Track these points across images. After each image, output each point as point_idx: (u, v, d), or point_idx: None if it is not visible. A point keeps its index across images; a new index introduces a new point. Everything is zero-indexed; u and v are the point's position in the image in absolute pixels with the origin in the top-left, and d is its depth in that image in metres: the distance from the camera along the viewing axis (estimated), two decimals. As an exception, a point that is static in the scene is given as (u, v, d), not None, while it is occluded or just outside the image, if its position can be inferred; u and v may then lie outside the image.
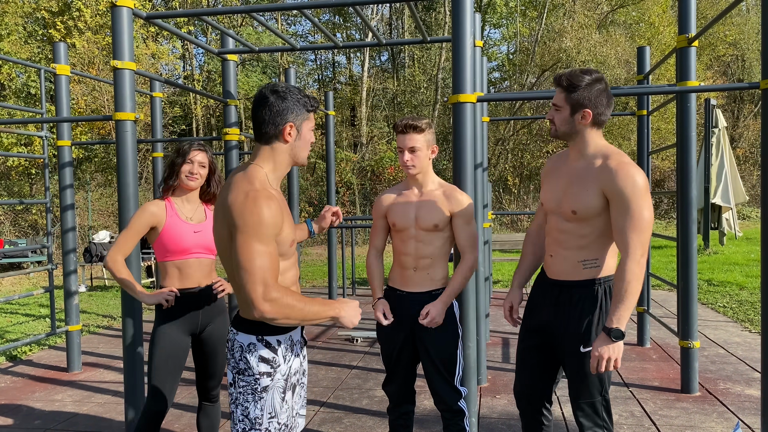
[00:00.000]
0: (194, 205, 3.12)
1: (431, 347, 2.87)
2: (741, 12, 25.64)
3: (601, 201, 2.39)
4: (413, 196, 2.93)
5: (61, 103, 5.33)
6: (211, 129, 23.50)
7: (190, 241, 2.99)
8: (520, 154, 21.73)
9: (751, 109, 24.70)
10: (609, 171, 2.36)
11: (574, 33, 20.34)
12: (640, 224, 2.28)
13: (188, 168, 3.03)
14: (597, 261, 2.49)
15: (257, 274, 1.91)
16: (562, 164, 2.61)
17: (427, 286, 2.90)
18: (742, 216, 19.96)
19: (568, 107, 2.46)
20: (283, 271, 2.11)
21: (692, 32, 4.41)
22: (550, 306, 2.59)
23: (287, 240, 2.07)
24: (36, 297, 10.11)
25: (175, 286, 2.99)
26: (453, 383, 2.91)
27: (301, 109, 2.10)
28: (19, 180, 17.82)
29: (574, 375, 2.54)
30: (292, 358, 2.16)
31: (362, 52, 23.78)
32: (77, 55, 16.70)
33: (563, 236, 2.53)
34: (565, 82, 2.45)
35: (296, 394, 2.22)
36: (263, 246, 1.94)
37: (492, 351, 5.88)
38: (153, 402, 2.94)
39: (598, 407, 2.53)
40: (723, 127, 11.55)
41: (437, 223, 2.85)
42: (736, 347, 5.84)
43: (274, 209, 1.96)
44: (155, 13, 4.01)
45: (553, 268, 2.59)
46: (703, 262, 11.30)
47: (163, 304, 2.95)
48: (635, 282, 2.28)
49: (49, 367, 5.78)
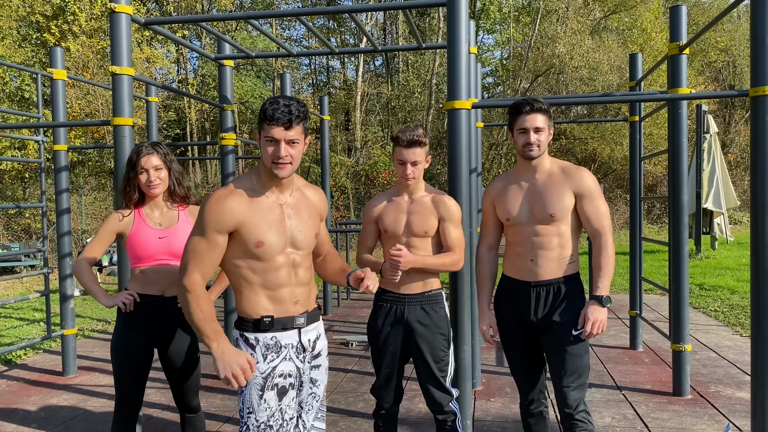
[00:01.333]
0: (162, 209, 3.00)
1: (424, 348, 2.94)
2: (732, 19, 25.87)
3: (572, 201, 2.78)
4: (404, 202, 3.00)
5: (57, 107, 5.35)
6: (205, 133, 23.49)
7: (153, 247, 2.90)
8: (513, 159, 21.82)
9: (742, 115, 24.91)
10: (574, 175, 2.79)
11: (567, 39, 20.47)
12: (606, 210, 2.79)
13: (144, 178, 2.91)
14: (573, 257, 2.84)
15: (184, 258, 2.18)
16: (515, 181, 2.90)
17: (420, 288, 2.98)
18: (734, 221, 20.10)
19: (547, 128, 2.80)
20: (263, 272, 2.20)
21: (683, 40, 4.48)
22: (536, 306, 2.83)
23: (250, 239, 2.15)
24: (30, 301, 10.09)
25: (136, 291, 2.92)
26: (445, 384, 2.97)
27: (260, 118, 2.17)
28: (12, 184, 17.77)
29: (568, 359, 2.76)
30: (278, 360, 2.23)
31: (356, 57, 23.84)
32: (71, 59, 16.67)
33: (544, 239, 2.80)
34: (545, 107, 2.77)
35: (288, 398, 2.24)
36: (199, 237, 2.15)
37: (486, 354, 5.92)
38: (120, 407, 2.94)
39: (583, 390, 2.80)
40: (714, 132, 11.68)
41: (428, 229, 2.94)
42: (727, 351, 5.90)
43: (225, 205, 2.13)
44: (153, 19, 4.04)
45: (537, 270, 2.82)
46: (694, 267, 11.39)
47: (121, 308, 2.90)
48: (613, 256, 2.74)
49: (45, 371, 5.78)
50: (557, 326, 2.79)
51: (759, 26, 3.36)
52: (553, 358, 2.81)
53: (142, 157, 2.90)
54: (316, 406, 2.42)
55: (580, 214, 2.81)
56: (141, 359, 2.93)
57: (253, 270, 2.20)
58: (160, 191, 2.96)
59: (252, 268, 2.20)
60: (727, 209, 12.05)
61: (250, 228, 2.15)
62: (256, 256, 2.18)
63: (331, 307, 8.34)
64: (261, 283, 2.21)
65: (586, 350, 2.80)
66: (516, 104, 2.80)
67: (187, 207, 3.08)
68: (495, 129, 21.16)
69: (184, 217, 3.02)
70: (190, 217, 3.04)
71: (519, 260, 2.88)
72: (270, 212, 2.20)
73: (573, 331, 2.76)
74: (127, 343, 2.91)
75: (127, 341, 2.91)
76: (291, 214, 2.26)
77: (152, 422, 4.32)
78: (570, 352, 2.76)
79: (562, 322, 2.78)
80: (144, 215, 2.96)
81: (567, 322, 2.78)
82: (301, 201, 2.32)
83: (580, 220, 2.82)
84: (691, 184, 11.35)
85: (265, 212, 2.19)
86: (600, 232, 2.77)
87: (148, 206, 2.98)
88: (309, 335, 2.34)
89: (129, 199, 2.95)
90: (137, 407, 2.97)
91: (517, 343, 2.96)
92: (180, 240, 2.93)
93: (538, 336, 2.89)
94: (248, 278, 2.21)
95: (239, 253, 2.19)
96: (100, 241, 2.95)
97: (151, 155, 2.92)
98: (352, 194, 20.42)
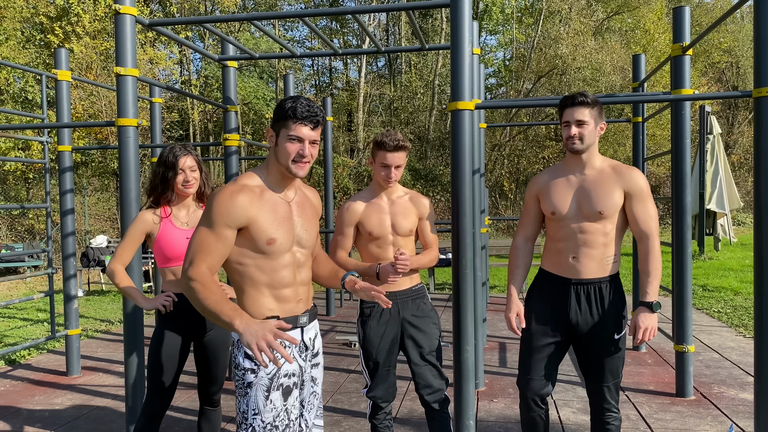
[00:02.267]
0: (190, 208, 3.11)
1: (421, 339, 3.03)
2: (735, 19, 25.85)
3: (621, 199, 2.74)
4: (384, 204, 3.06)
5: (62, 108, 5.38)
6: (208, 134, 23.52)
7: (181, 247, 2.99)
8: (516, 159, 21.82)
9: (745, 116, 24.87)
10: (626, 173, 2.75)
11: (570, 39, 20.46)
12: (655, 213, 2.76)
13: (182, 178, 3.01)
14: (616, 257, 2.81)
15: (189, 251, 2.12)
16: (563, 175, 2.86)
17: (407, 284, 3.08)
18: (737, 222, 20.06)
19: (593, 121, 2.74)
20: (270, 271, 2.18)
21: (686, 41, 4.48)
22: (575, 305, 2.80)
23: (261, 236, 2.13)
24: (34, 301, 10.12)
25: (172, 291, 3.01)
26: (440, 370, 3.08)
27: (280, 118, 2.16)
28: (15, 185, 17.81)
29: (606, 361, 2.80)
30: (282, 360, 2.19)
31: (359, 58, 23.86)
32: (75, 60, 16.72)
33: (589, 237, 2.76)
34: (589, 100, 2.72)
35: (293, 398, 2.23)
36: (207, 229, 2.11)
37: (489, 355, 5.92)
38: (150, 403, 3.01)
39: (618, 384, 2.87)
40: (718, 133, 11.65)
41: (412, 227, 3.05)
42: (730, 352, 5.90)
43: (237, 200, 2.09)
44: (157, 20, 4.06)
45: (579, 268, 2.79)
46: (698, 268, 11.38)
47: (161, 309, 2.98)
48: (660, 259, 2.74)
49: (48, 371, 5.80)
50: (598, 328, 2.78)
51: (762, 27, 3.36)
52: (592, 359, 2.82)
53: (180, 158, 3.00)
54: (317, 405, 2.43)
55: (627, 214, 2.77)
56: (178, 357, 3.03)
57: (260, 268, 2.17)
58: (194, 190, 3.07)
59: (260, 266, 2.17)
60: (731, 210, 12.02)
61: (261, 225, 2.13)
62: (265, 254, 2.16)
63: (333, 307, 8.35)
64: (267, 282, 2.19)
65: (624, 350, 2.84)
66: (563, 98, 2.80)
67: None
68: (498, 130, 21.16)
69: None
70: None
71: (560, 256, 2.83)
72: (280, 209, 2.19)
73: (615, 335, 2.77)
74: (167, 342, 3.00)
75: (167, 340, 3.00)
76: (297, 212, 2.26)
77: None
78: (611, 353, 2.79)
79: (603, 324, 2.78)
80: (171, 215, 3.04)
81: (608, 324, 2.78)
82: (305, 200, 2.34)
83: (627, 220, 2.79)
84: (694, 185, 11.33)
85: (275, 209, 2.18)
86: (647, 234, 2.74)
87: (176, 207, 3.07)
88: (310, 333, 2.35)
89: (165, 200, 3.03)
90: (167, 404, 3.04)
91: (545, 339, 2.85)
92: None
93: (573, 335, 2.86)
94: (254, 277, 2.18)
95: (248, 251, 2.15)
96: (131, 242, 3.01)
97: (188, 156, 3.02)
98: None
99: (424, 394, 3.04)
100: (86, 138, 17.43)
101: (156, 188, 3.04)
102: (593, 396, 2.88)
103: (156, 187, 3.04)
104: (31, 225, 16.92)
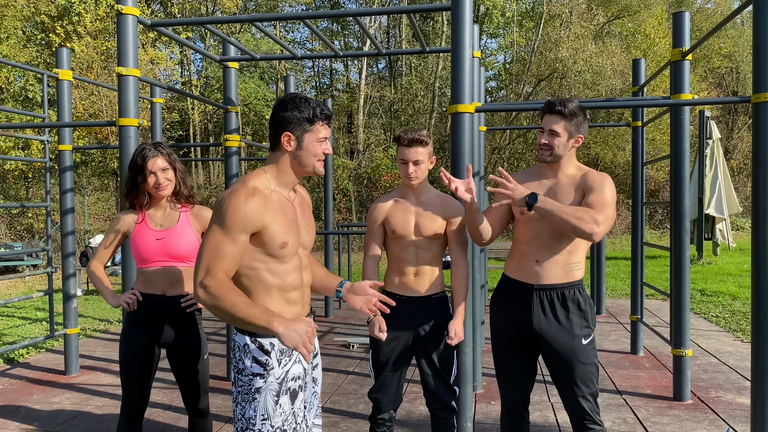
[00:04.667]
0: (165, 210, 2.99)
1: (431, 349, 2.95)
2: (735, 25, 25.89)
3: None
4: (411, 204, 2.98)
5: (63, 107, 5.39)
6: (208, 135, 23.54)
7: (151, 249, 2.90)
8: (515, 163, 21.86)
9: (745, 121, 24.92)
10: (591, 177, 2.68)
11: (570, 43, 20.51)
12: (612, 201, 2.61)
13: (153, 181, 2.89)
14: (579, 264, 2.75)
15: (204, 259, 2.03)
16: (536, 178, 2.81)
17: (427, 290, 2.97)
18: (736, 227, 20.09)
19: (566, 134, 2.68)
20: (281, 274, 2.15)
21: (686, 46, 4.50)
22: (538, 311, 2.72)
23: (275, 240, 2.09)
24: (33, 300, 10.12)
25: (140, 291, 2.95)
26: (450, 383, 3.00)
27: (302, 120, 2.13)
28: (15, 184, 17.82)
29: (575, 369, 2.68)
30: (290, 363, 2.17)
31: (360, 60, 23.90)
32: (76, 60, 16.75)
33: (554, 242, 2.71)
34: (566, 111, 2.64)
35: (299, 401, 2.21)
36: (222, 235, 2.02)
37: (487, 358, 5.93)
38: (126, 403, 2.98)
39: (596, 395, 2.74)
40: (717, 138, 11.68)
41: (437, 230, 2.92)
42: (727, 356, 5.91)
43: (251, 204, 2.03)
44: (159, 21, 4.07)
45: (541, 273, 2.73)
46: (696, 272, 11.39)
47: (125, 307, 2.93)
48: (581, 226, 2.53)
49: (47, 370, 5.80)
50: (563, 334, 2.69)
51: (762, 33, 3.37)
52: (561, 367, 2.71)
53: (149, 160, 2.87)
54: (316, 404, 2.42)
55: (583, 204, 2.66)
56: (144, 357, 2.95)
57: (272, 272, 2.13)
58: (169, 192, 2.94)
59: (272, 270, 2.13)
60: (729, 215, 12.04)
61: (275, 229, 2.09)
62: (278, 258, 2.13)
63: (332, 309, 8.36)
64: (279, 286, 2.15)
65: (594, 356, 2.73)
66: (546, 102, 2.74)
67: (191, 208, 3.05)
68: (498, 133, 21.20)
69: (185, 218, 2.99)
70: (192, 218, 3.01)
71: (523, 260, 2.77)
72: (288, 212, 2.17)
73: (583, 339, 2.68)
74: (132, 341, 2.95)
75: (132, 340, 2.95)
76: (300, 213, 2.25)
77: (153, 422, 4.33)
78: (579, 361, 2.68)
79: (567, 332, 2.68)
80: (147, 217, 2.97)
81: (575, 333, 2.69)
82: (302, 201, 2.33)
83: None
84: (694, 189, 11.36)
85: (285, 212, 2.14)
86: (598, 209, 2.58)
87: (153, 209, 2.99)
88: None
89: (138, 204, 2.96)
90: (142, 406, 3.00)
91: (512, 349, 2.83)
92: (177, 241, 2.92)
93: (538, 343, 2.77)
94: (266, 281, 2.14)
95: (260, 255, 2.11)
96: (107, 244, 3.01)
97: (157, 157, 2.89)
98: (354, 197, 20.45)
99: (430, 402, 3.02)
100: (86, 138, 17.45)
101: (129, 192, 2.95)
102: (570, 409, 2.75)
103: (130, 191, 2.94)
104: (30, 224, 16.92)
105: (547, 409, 4.46)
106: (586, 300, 2.76)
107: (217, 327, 7.69)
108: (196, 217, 3.03)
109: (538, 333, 2.73)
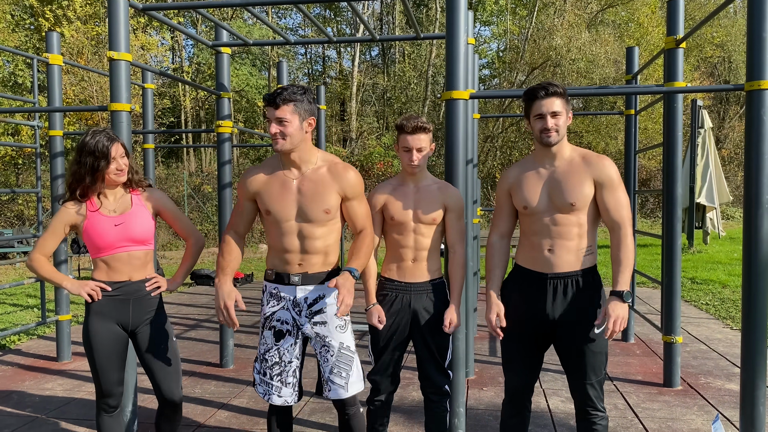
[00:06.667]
0: (116, 195, 2.92)
1: (428, 335, 2.98)
2: (728, 14, 25.93)
3: (592, 190, 2.68)
4: (410, 191, 2.99)
5: (53, 92, 5.33)
6: (200, 121, 23.41)
7: (111, 236, 2.83)
8: (508, 151, 21.87)
9: (736, 111, 25.01)
10: (595, 163, 2.69)
11: (564, 31, 20.48)
12: (626, 201, 2.70)
13: (114, 166, 2.83)
14: (591, 248, 2.74)
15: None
16: (533, 168, 2.77)
17: (426, 277, 2.99)
18: (726, 216, 20.23)
19: (565, 112, 2.67)
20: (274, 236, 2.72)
21: (680, 34, 4.50)
22: (550, 299, 2.71)
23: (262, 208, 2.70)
24: (24, 287, 10.08)
25: (102, 281, 2.87)
26: (444, 368, 3.03)
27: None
28: (5, 170, 17.68)
29: (587, 356, 2.70)
30: (277, 307, 2.75)
31: (353, 47, 23.77)
32: (66, 45, 16.57)
33: (563, 229, 2.69)
34: (561, 88, 2.66)
35: (287, 342, 2.75)
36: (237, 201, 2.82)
37: (479, 345, 5.96)
38: (105, 398, 2.92)
39: (603, 382, 2.77)
40: (709, 127, 11.72)
41: (435, 216, 2.95)
42: (717, 343, 5.97)
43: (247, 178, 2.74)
44: (150, 4, 4.03)
45: (554, 261, 2.70)
46: (687, 261, 11.47)
47: (87, 299, 2.85)
48: (633, 248, 2.68)
49: (39, 356, 5.78)
50: (577, 323, 2.69)
51: (756, 21, 3.37)
52: (573, 355, 2.72)
53: (113, 145, 2.82)
54: (332, 361, 2.74)
55: (599, 204, 2.69)
56: (113, 343, 2.87)
57: (268, 232, 2.75)
58: (125, 178, 2.90)
59: (268, 230, 2.75)
60: (720, 204, 12.12)
61: (263, 198, 2.69)
62: (268, 222, 2.72)
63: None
64: (272, 244, 2.73)
65: (606, 345, 2.73)
66: (531, 89, 2.69)
67: (143, 191, 2.99)
68: (491, 121, 21.20)
69: (137, 201, 2.94)
70: (145, 201, 2.95)
71: (535, 250, 2.75)
72: (282, 186, 2.66)
73: (595, 329, 2.66)
74: (98, 330, 2.85)
75: (97, 328, 2.85)
76: (302, 189, 2.65)
77: (147, 409, 4.34)
78: (591, 349, 2.69)
79: (581, 319, 2.69)
80: (96, 205, 2.87)
81: (587, 319, 2.69)
82: (318, 178, 2.66)
83: (599, 210, 2.71)
84: (685, 178, 11.42)
85: (277, 186, 2.66)
86: (619, 223, 2.65)
87: (102, 195, 2.89)
88: (306, 294, 2.71)
89: (92, 191, 2.86)
90: (118, 394, 2.92)
91: (523, 336, 2.80)
92: (136, 224, 2.87)
93: (551, 331, 2.75)
94: (268, 237, 2.76)
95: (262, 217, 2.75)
96: (53, 235, 2.87)
97: (117, 143, 2.85)
98: (347, 185, 20.38)
99: (425, 386, 3.05)
100: (77, 123, 17.30)
101: (82, 180, 2.83)
102: (577, 395, 2.77)
103: (82, 179, 2.83)
104: (21, 210, 16.81)
105: (539, 395, 4.50)
106: (599, 287, 2.75)
107: (209, 314, 7.69)
108: (148, 200, 2.97)
109: (552, 321, 2.72)
